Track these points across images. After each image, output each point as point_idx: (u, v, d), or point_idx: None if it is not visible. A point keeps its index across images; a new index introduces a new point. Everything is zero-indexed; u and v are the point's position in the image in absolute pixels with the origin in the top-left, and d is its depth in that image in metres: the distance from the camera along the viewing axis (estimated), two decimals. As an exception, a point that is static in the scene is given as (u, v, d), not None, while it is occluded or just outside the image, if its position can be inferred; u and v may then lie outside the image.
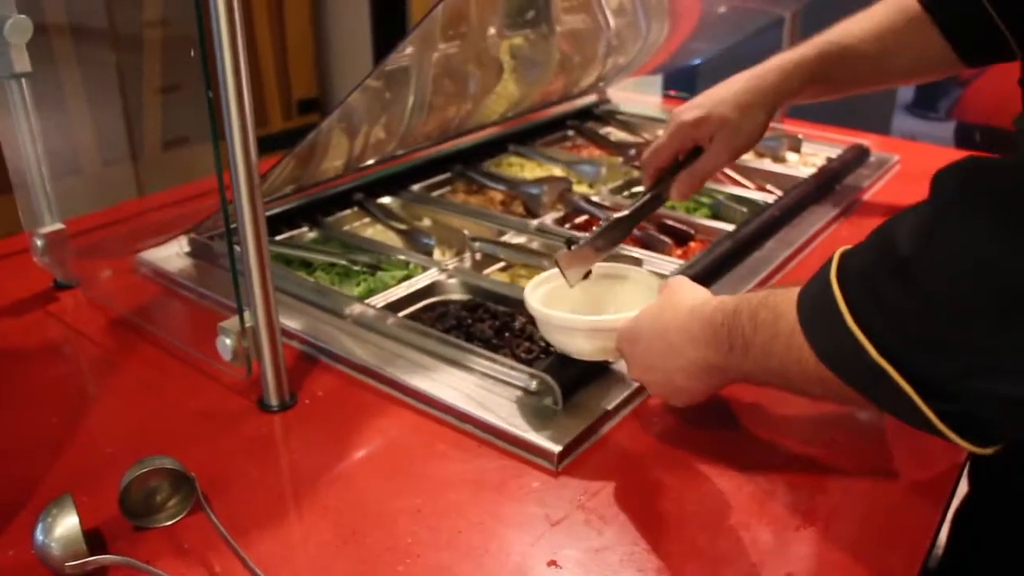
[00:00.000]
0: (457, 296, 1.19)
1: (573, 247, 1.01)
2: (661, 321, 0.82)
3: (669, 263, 1.24)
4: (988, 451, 0.59)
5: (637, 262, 1.21)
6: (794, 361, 0.66)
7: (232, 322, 0.93)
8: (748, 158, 1.72)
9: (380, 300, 1.13)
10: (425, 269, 1.23)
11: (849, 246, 0.65)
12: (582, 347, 0.92)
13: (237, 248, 0.90)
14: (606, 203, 1.46)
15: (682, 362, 0.79)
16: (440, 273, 1.21)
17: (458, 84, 1.48)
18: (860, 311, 0.59)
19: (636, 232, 1.36)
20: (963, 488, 1.12)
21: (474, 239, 1.30)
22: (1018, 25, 0.98)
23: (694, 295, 0.82)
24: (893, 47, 1.13)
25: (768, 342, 0.69)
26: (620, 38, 1.74)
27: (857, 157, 1.70)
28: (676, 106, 1.20)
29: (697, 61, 2.23)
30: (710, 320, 0.76)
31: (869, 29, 1.14)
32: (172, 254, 1.30)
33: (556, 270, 1.00)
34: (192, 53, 0.80)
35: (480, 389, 0.95)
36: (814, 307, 0.64)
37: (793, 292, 0.68)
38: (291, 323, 1.09)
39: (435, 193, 1.56)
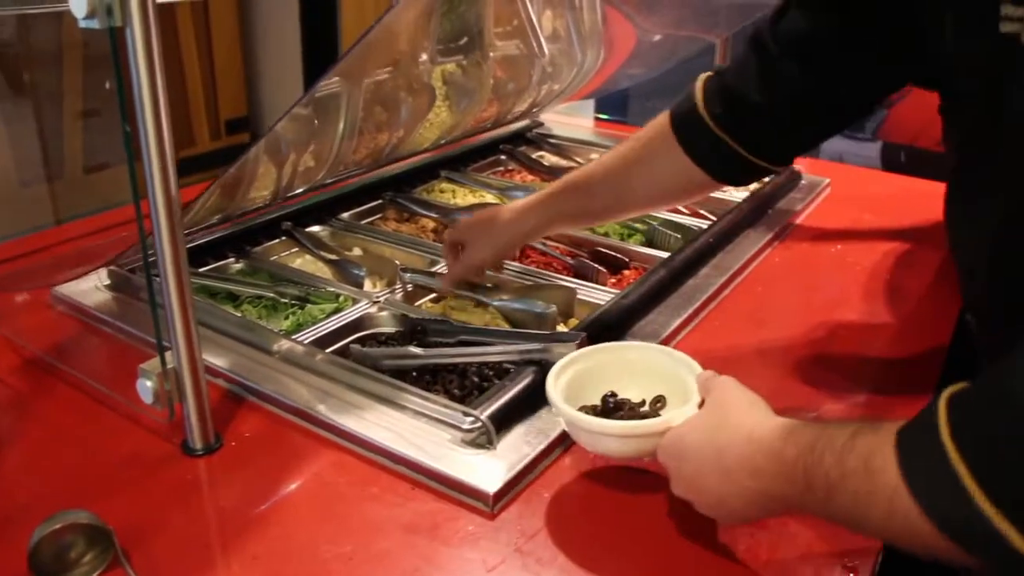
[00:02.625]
0: (389, 329, 1.17)
1: None
2: (715, 443, 0.74)
3: (603, 292, 1.24)
4: None
5: (570, 292, 1.21)
6: (900, 525, 0.58)
7: (153, 363, 0.90)
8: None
9: (309, 334, 1.11)
10: (356, 301, 1.21)
11: (954, 390, 0.58)
12: (614, 450, 0.83)
13: (157, 280, 0.86)
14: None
15: (740, 490, 0.71)
16: (371, 305, 1.19)
17: (390, 111, 1.46)
18: (995, 492, 0.52)
19: (569, 260, 1.37)
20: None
21: (405, 270, 1.28)
22: (762, 151, 1.01)
23: (752, 413, 0.74)
24: (638, 173, 1.10)
25: (862, 496, 0.61)
26: (555, 64, 1.75)
27: (789, 180, 1.73)
28: (607, 129, 1.20)
29: (629, 85, 2.26)
30: (779, 454, 0.68)
31: (615, 156, 1.13)
32: (91, 287, 1.25)
33: (575, 354, 0.91)
34: (108, 85, 0.77)
35: (413, 428, 0.93)
36: (927, 473, 0.57)
37: (887, 440, 0.60)
38: (216, 360, 1.06)
39: (365, 221, 1.55)
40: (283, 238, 1.43)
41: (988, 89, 0.70)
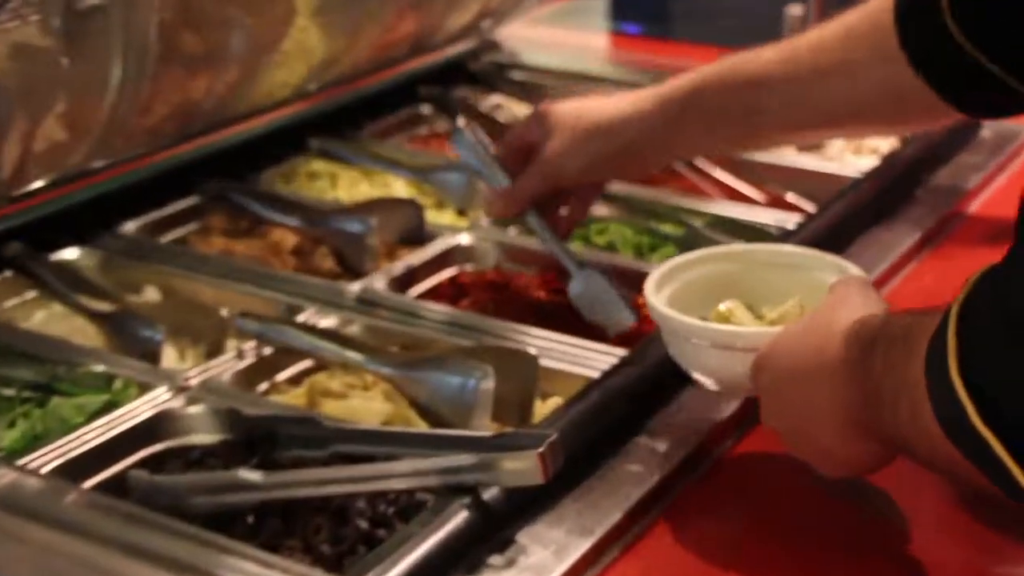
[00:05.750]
0: (206, 437, 1.18)
1: None
2: (805, 344, 0.98)
3: (600, 353, 1.27)
4: None
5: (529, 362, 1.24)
6: (917, 425, 0.83)
7: None
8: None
9: (55, 455, 1.11)
10: (145, 388, 1.22)
11: (993, 265, 0.82)
12: (712, 367, 1.08)
13: None
14: (485, 248, 1.50)
15: (823, 409, 0.95)
16: (175, 395, 1.20)
17: (209, 39, 1.47)
18: (970, 369, 0.76)
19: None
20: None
21: (245, 319, 1.29)
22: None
23: (862, 308, 0.96)
24: (829, 81, 1.28)
25: (896, 392, 0.86)
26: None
27: (955, 136, 1.75)
28: (630, 50, 1.33)
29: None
30: (847, 351, 0.92)
31: (789, 53, 1.31)
32: None
33: (688, 256, 1.19)
34: None
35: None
36: (935, 354, 0.80)
37: (937, 321, 0.82)
38: None
39: (168, 237, 1.56)
40: (8, 272, 1.45)
41: None
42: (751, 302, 1.13)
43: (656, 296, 1.11)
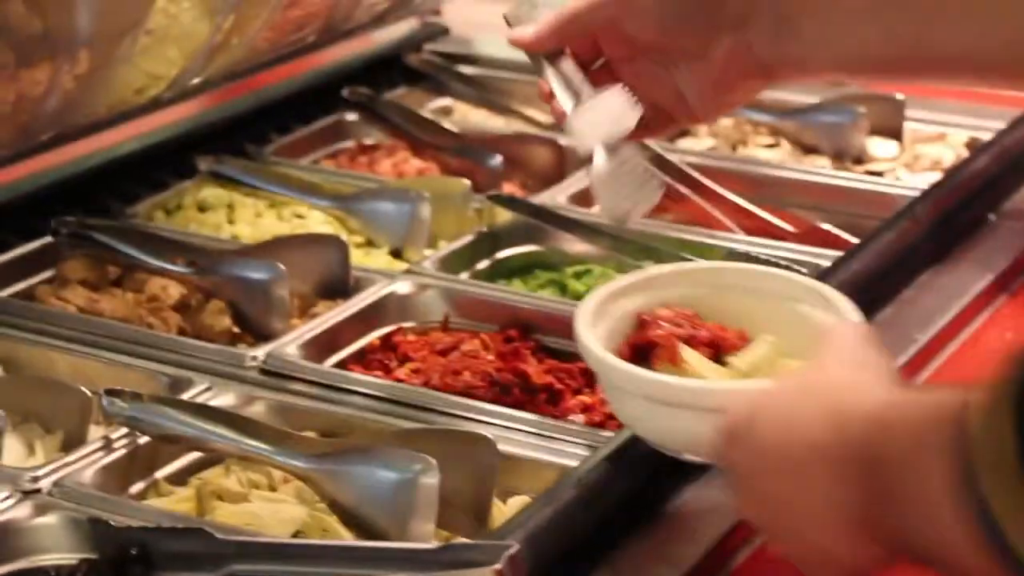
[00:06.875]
0: (61, 557, 1.16)
1: None
2: (794, 418, 0.99)
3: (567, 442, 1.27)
4: None
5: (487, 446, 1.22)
6: (943, 536, 0.84)
7: None
8: (779, 155, 1.77)
9: None
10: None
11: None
12: (663, 429, 1.12)
13: None
14: (429, 299, 1.50)
15: (817, 505, 0.95)
16: (19, 501, 1.19)
17: (47, 14, 1.45)
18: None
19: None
20: None
21: (113, 398, 1.28)
22: None
23: (862, 373, 1.00)
24: None
25: (914, 495, 0.87)
26: None
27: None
28: None
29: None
30: (846, 435, 0.93)
31: None
32: None
33: (631, 278, 1.25)
34: None
35: None
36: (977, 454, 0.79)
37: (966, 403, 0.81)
38: None
39: (9, 290, 1.55)
40: None
41: None
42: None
43: (590, 333, 1.13)
